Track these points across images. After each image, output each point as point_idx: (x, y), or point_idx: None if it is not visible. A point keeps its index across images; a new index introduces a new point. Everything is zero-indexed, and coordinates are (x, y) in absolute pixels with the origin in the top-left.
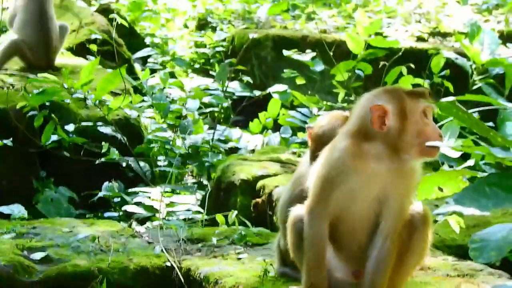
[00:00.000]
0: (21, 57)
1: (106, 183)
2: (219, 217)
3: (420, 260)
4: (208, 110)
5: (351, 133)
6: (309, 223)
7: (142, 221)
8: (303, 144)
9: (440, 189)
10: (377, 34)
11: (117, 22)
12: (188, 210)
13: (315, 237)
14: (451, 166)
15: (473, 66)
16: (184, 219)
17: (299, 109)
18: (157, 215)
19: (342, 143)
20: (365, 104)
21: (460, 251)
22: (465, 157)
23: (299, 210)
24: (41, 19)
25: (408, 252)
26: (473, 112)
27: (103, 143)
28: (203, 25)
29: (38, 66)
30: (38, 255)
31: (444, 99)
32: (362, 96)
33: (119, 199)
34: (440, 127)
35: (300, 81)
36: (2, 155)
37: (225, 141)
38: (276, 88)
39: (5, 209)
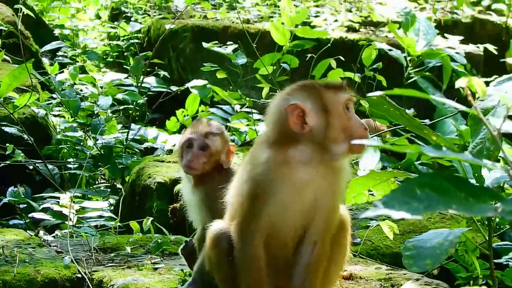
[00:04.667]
0: None
1: (11, 188)
2: (134, 224)
3: (340, 267)
4: (121, 107)
5: (271, 140)
6: (243, 246)
7: (50, 229)
8: None
9: (371, 193)
10: (304, 24)
11: (23, 13)
12: (100, 216)
13: (252, 261)
14: (384, 167)
15: (408, 58)
16: (96, 227)
17: (220, 105)
18: (66, 222)
19: (264, 153)
20: (280, 104)
21: (396, 259)
22: (401, 156)
23: (220, 226)
24: None
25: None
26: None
27: (7, 144)
28: (116, 15)
29: None
30: None
31: (373, 93)
32: (274, 97)
33: (25, 205)
34: None
35: (221, 75)
36: None
37: (140, 141)
38: (195, 83)
39: None
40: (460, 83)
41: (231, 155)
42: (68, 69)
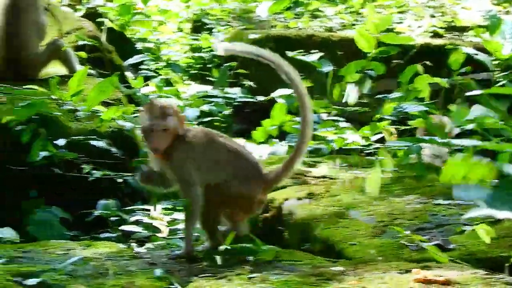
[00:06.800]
0: None
1: (101, 201)
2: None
3: None
4: (207, 119)
5: None
6: None
7: (142, 240)
8: (312, 152)
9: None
10: (388, 30)
11: (107, 27)
12: None
13: None
14: None
15: (495, 62)
16: None
17: None
18: (157, 234)
19: None
20: None
21: (492, 264)
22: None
23: None
24: (7, 36)
25: None
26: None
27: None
28: (198, 27)
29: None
30: (32, 281)
31: (470, 93)
32: None
33: (116, 218)
34: None
35: (306, 84)
36: None
37: None
38: (281, 92)
39: None
40: None
41: (183, 123)
42: (152, 81)
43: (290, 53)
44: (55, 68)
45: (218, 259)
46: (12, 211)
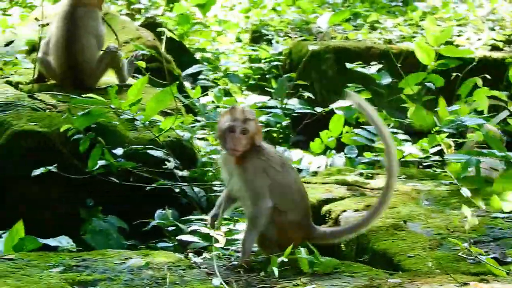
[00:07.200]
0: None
1: (158, 211)
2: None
3: None
4: (266, 129)
5: None
6: None
7: (199, 250)
8: (371, 164)
9: None
10: (447, 43)
11: (166, 37)
12: None
13: None
14: None
15: None
16: None
17: (364, 126)
18: (215, 244)
19: None
20: None
21: None
22: None
23: None
24: (66, 43)
25: None
26: None
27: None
28: (257, 37)
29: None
30: None
31: None
32: None
33: (173, 228)
34: None
35: (365, 96)
36: (46, 183)
37: None
38: (340, 104)
39: (51, 241)
40: None
41: (260, 133)
42: (213, 91)
43: (349, 65)
44: (109, 78)
45: (275, 270)
46: (69, 219)
